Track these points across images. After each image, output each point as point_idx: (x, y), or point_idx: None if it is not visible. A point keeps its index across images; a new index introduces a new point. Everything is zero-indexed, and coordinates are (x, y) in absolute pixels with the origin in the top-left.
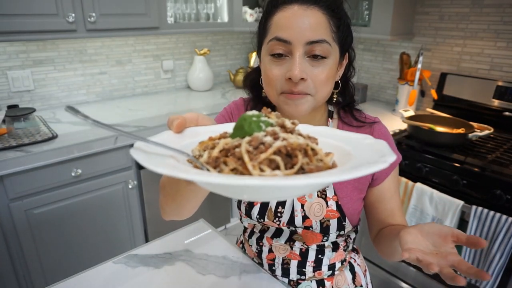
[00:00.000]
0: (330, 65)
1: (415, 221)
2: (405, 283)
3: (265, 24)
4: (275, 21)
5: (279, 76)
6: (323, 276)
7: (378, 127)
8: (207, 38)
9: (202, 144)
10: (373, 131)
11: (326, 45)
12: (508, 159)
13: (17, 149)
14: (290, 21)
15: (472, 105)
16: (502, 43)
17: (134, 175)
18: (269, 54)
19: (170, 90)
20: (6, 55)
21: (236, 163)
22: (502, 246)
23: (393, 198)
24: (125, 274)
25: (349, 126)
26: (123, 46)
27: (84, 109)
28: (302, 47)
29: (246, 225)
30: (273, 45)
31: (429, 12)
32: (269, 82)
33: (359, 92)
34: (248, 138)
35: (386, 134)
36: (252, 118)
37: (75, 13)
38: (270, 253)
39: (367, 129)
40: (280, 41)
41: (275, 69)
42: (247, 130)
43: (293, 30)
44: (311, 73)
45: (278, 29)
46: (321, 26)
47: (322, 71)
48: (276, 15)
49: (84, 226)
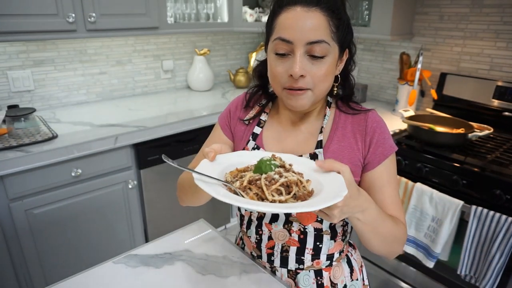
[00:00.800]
0: (329, 63)
1: (415, 221)
2: (405, 283)
3: (271, 23)
4: (279, 22)
5: (282, 73)
6: (321, 266)
7: (372, 115)
8: (207, 38)
9: (232, 173)
10: (367, 117)
11: (325, 45)
12: (508, 159)
13: (17, 149)
14: (293, 23)
15: (472, 105)
16: (502, 43)
17: (134, 175)
18: (274, 52)
19: (170, 90)
20: (6, 55)
21: (258, 190)
22: (502, 246)
23: (385, 188)
24: (125, 274)
25: (345, 114)
26: (123, 46)
27: (84, 109)
28: (302, 46)
29: (243, 212)
30: (277, 44)
31: (429, 12)
32: (274, 77)
33: (359, 92)
34: (265, 175)
35: (380, 122)
36: (267, 162)
37: (75, 13)
38: (270, 240)
39: (362, 116)
40: (283, 41)
41: (279, 67)
42: (264, 170)
43: (295, 31)
44: (311, 70)
45: (281, 29)
46: (321, 27)
47: (320, 68)
48: (281, 15)
49: (84, 226)
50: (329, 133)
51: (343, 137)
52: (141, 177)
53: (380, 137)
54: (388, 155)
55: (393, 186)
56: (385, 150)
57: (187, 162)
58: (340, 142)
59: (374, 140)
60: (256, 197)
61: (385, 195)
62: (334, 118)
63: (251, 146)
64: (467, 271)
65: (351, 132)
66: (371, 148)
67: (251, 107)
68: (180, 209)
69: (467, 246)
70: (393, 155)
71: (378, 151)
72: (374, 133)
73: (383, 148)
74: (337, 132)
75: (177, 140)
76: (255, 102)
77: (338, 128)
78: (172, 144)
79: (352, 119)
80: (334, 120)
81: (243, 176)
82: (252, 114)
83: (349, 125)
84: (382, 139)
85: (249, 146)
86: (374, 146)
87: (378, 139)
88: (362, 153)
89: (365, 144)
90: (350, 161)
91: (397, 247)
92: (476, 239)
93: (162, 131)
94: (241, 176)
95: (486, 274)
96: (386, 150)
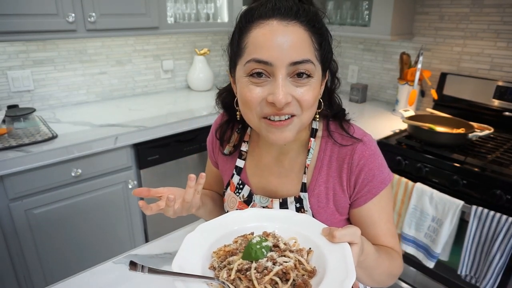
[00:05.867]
0: (315, 85)
1: (415, 221)
2: (405, 283)
3: (239, 42)
4: (252, 40)
5: (259, 99)
6: None
7: (360, 149)
8: (207, 38)
9: (219, 256)
10: (355, 153)
11: (310, 65)
12: (508, 159)
13: (17, 149)
14: (270, 40)
15: (472, 105)
16: (502, 43)
17: (134, 175)
18: (246, 75)
19: (170, 90)
20: (6, 55)
21: (248, 283)
22: (502, 246)
23: (376, 224)
24: (125, 274)
25: (332, 143)
26: (123, 46)
27: (84, 109)
28: (284, 68)
29: None
30: (251, 66)
31: (429, 12)
32: (247, 105)
33: (359, 92)
34: (255, 265)
35: (369, 157)
36: (257, 246)
37: (75, 13)
38: None
39: (348, 151)
40: (260, 63)
41: (254, 91)
42: (254, 256)
43: (274, 50)
44: (296, 94)
45: (256, 49)
46: (304, 44)
47: (308, 91)
48: (253, 32)
49: (84, 226)
50: (313, 171)
51: (327, 177)
52: (141, 177)
53: (368, 175)
54: (376, 193)
55: (386, 219)
56: (373, 189)
57: (187, 162)
58: (325, 183)
59: (360, 179)
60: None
61: (377, 230)
62: (319, 152)
63: (235, 181)
64: (467, 271)
65: (337, 171)
66: (357, 187)
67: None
68: None
69: (468, 246)
70: (386, 189)
71: (365, 190)
72: (360, 171)
73: (371, 186)
74: (322, 171)
75: (177, 140)
76: (232, 131)
77: (323, 167)
78: (172, 144)
79: (338, 153)
80: (319, 155)
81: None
82: (232, 145)
83: (334, 162)
84: (370, 176)
85: (234, 181)
86: (360, 186)
87: (365, 177)
88: (347, 193)
89: (350, 184)
90: (335, 203)
91: (390, 281)
92: (476, 239)
93: (162, 131)
94: (229, 262)
95: (486, 274)
96: (375, 189)
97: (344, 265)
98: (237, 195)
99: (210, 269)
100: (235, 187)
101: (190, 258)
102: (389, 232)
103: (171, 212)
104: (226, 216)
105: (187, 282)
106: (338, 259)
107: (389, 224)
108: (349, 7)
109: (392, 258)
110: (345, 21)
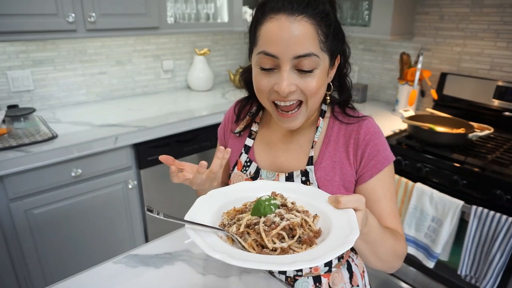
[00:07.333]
0: (319, 75)
1: (415, 221)
2: (405, 283)
3: (255, 32)
4: (263, 33)
5: (267, 87)
6: (319, 272)
7: (366, 125)
8: (207, 38)
9: (229, 214)
10: (361, 128)
11: (313, 58)
12: (508, 159)
13: (17, 149)
14: (277, 35)
15: (472, 105)
16: (502, 43)
17: (134, 175)
18: (258, 66)
19: (170, 90)
20: (6, 55)
21: (256, 236)
22: (502, 246)
23: (381, 201)
24: (125, 274)
25: (339, 123)
26: (123, 46)
27: (84, 109)
28: (289, 61)
29: None
30: (261, 58)
31: (429, 12)
32: (259, 91)
33: (359, 92)
34: (263, 219)
35: (374, 133)
36: (266, 203)
37: (75, 13)
38: None
39: (355, 127)
40: (268, 55)
41: (263, 80)
42: (262, 212)
43: (280, 45)
44: (300, 84)
45: (265, 42)
46: (309, 38)
47: (311, 82)
48: (264, 25)
49: (84, 226)
50: (320, 147)
51: (335, 152)
52: (141, 177)
53: (373, 149)
54: (381, 169)
55: (389, 197)
56: (378, 164)
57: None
58: (332, 157)
59: (366, 153)
60: (256, 243)
61: (382, 207)
62: (326, 130)
63: (243, 159)
64: (467, 271)
65: (344, 146)
66: (363, 161)
67: (242, 118)
68: (180, 209)
69: (468, 246)
70: (389, 167)
71: (370, 165)
72: (366, 145)
73: (376, 161)
74: (329, 146)
75: (177, 140)
76: (246, 112)
77: (330, 142)
78: (172, 144)
79: (345, 130)
80: (326, 132)
81: (241, 218)
82: (242, 126)
83: (341, 138)
84: (375, 151)
85: (242, 159)
86: (366, 160)
87: (371, 151)
88: (354, 167)
89: (356, 158)
90: (341, 178)
91: (396, 262)
92: (476, 239)
93: (162, 131)
94: (238, 219)
95: (486, 274)
96: (379, 163)
97: (349, 225)
98: (244, 172)
99: (220, 226)
100: (242, 166)
101: (201, 215)
102: (393, 212)
103: (198, 180)
104: (236, 185)
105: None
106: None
107: (392, 203)
108: (349, 7)
109: (396, 238)
110: (345, 21)
